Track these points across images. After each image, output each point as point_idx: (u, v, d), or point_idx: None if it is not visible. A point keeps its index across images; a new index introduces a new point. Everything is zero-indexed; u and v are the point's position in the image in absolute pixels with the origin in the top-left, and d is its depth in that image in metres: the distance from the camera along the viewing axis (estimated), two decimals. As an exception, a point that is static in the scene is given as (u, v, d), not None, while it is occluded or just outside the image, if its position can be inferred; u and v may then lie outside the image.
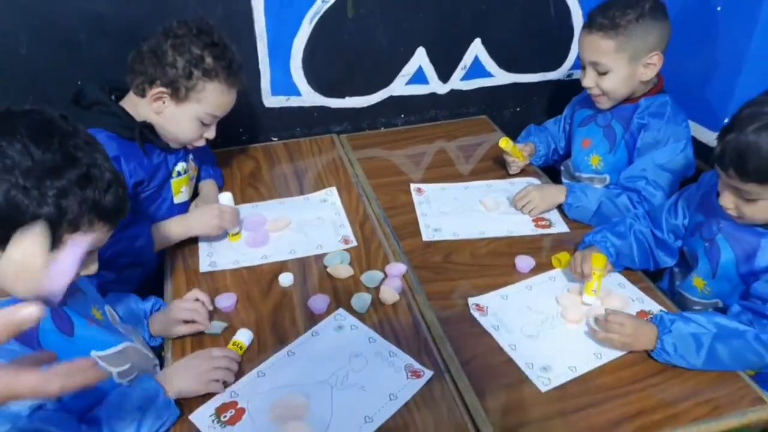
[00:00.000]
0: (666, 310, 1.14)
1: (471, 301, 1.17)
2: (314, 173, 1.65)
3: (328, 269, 1.26)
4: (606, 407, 0.97)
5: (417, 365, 1.04)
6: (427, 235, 1.38)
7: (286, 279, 1.23)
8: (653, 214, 1.28)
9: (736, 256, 1.10)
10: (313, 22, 1.67)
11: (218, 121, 1.34)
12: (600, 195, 1.39)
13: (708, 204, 1.17)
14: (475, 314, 1.14)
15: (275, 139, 1.83)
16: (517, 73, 1.97)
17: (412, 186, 1.57)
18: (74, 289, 0.92)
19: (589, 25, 1.37)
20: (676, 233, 1.24)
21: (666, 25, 1.34)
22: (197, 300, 1.12)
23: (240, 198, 1.51)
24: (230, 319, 1.14)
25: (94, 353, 0.89)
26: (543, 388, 0.99)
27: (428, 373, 1.02)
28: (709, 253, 1.15)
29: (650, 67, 1.35)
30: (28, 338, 0.79)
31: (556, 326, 1.13)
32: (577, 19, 1.90)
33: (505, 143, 1.54)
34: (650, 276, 1.28)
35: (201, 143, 1.33)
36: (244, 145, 1.77)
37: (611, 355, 1.06)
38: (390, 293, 1.18)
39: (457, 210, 1.48)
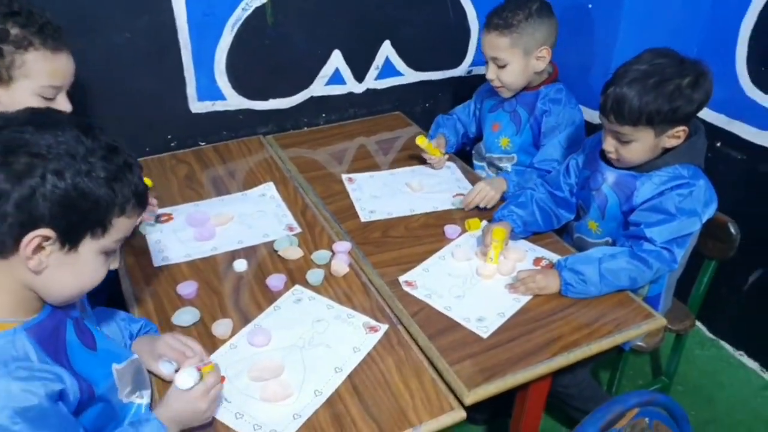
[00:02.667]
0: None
1: (401, 279, 1.32)
2: (248, 172, 1.76)
3: (279, 252, 1.39)
4: (534, 335, 1.19)
5: (373, 322, 1.20)
6: (364, 217, 1.55)
7: (240, 265, 1.35)
8: (553, 180, 1.54)
9: (619, 199, 1.38)
10: (235, 30, 1.80)
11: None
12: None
13: (593, 161, 1.45)
14: (407, 289, 1.29)
15: (203, 143, 1.92)
16: (424, 71, 2.19)
17: (344, 176, 1.73)
18: (82, 300, 0.94)
19: (487, 25, 1.61)
20: (571, 191, 1.51)
21: (552, 22, 1.61)
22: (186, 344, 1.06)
23: (180, 198, 1.60)
24: (193, 304, 1.24)
25: (114, 366, 0.91)
26: (484, 335, 1.18)
27: (384, 327, 1.19)
28: (597, 199, 1.42)
29: (541, 59, 1.62)
30: (57, 354, 0.82)
31: (475, 284, 1.32)
32: (473, 21, 2.16)
33: (421, 141, 1.72)
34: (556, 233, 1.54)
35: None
36: (173, 151, 1.85)
37: (526, 297, 1.28)
38: (341, 266, 1.33)
39: (387, 193, 1.67)
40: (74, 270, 0.82)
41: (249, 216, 1.54)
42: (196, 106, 1.86)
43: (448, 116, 1.94)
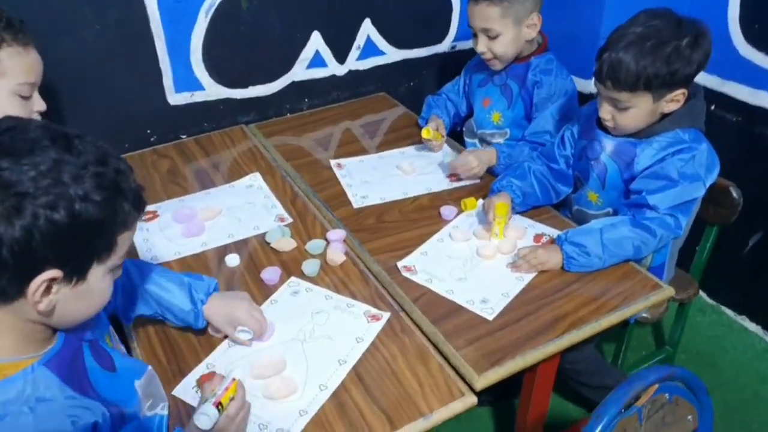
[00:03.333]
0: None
1: (399, 264, 1.28)
2: (233, 163, 1.71)
3: (271, 245, 1.35)
4: (540, 313, 1.16)
5: (374, 310, 1.17)
6: (356, 203, 1.51)
7: (232, 260, 1.31)
8: (547, 152, 1.50)
9: (619, 168, 1.35)
10: (209, 16, 1.73)
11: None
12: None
13: (589, 130, 1.41)
14: (407, 275, 1.26)
15: (184, 136, 1.86)
16: (406, 49, 2.14)
17: (332, 162, 1.69)
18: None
19: None
20: (567, 163, 1.48)
21: None
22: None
23: (164, 194, 1.55)
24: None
25: (136, 383, 0.87)
26: (490, 317, 1.15)
27: (386, 315, 1.16)
28: (596, 169, 1.39)
29: (532, 27, 1.57)
30: (81, 384, 0.77)
31: (476, 265, 1.29)
32: (455, -6, 2.11)
33: (427, 133, 1.67)
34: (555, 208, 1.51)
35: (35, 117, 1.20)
36: (154, 146, 1.79)
37: (530, 275, 1.25)
38: (337, 254, 1.29)
39: (378, 178, 1.62)
40: (85, 298, 0.76)
41: (238, 208, 1.49)
42: (175, 98, 1.80)
43: (438, 96, 1.89)
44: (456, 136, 1.88)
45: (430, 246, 1.35)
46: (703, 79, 1.88)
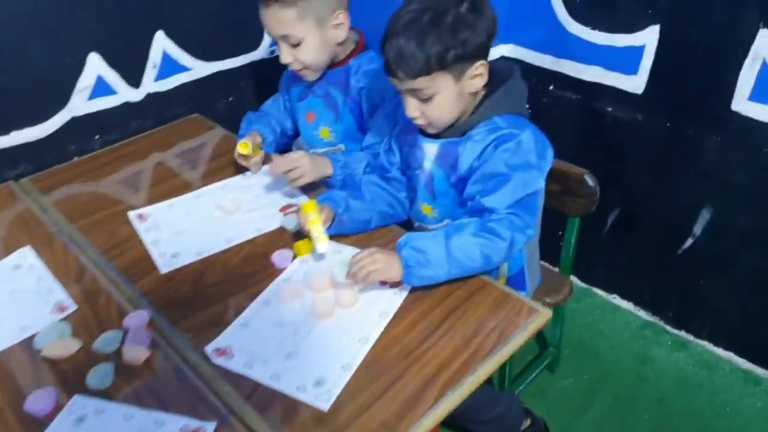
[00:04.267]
0: None
1: (209, 349, 0.99)
2: (-5, 238, 1.30)
3: (43, 353, 0.99)
4: (408, 377, 0.94)
5: (194, 423, 0.87)
6: (165, 266, 1.19)
7: (-15, 388, 0.94)
8: (379, 162, 1.31)
9: (444, 171, 1.18)
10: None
11: None
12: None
13: (408, 135, 1.24)
14: (220, 362, 0.96)
15: (-76, 210, 1.40)
16: (216, 60, 1.83)
17: (131, 214, 1.35)
18: None
19: None
20: (401, 169, 1.29)
21: None
22: None
23: None
24: None
25: None
26: (326, 406, 0.89)
27: (210, 426, 0.87)
28: (423, 179, 1.22)
29: (340, 26, 1.34)
30: None
31: (311, 330, 1.02)
32: (261, -9, 1.83)
33: (244, 147, 1.39)
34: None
35: None
36: None
37: (376, 333, 1.01)
38: (136, 351, 0.97)
39: (193, 225, 1.31)
40: None
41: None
42: None
43: (262, 113, 1.62)
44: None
45: (252, 313, 1.07)
46: (537, 58, 1.80)
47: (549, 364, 1.74)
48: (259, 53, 1.92)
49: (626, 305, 1.98)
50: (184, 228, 1.30)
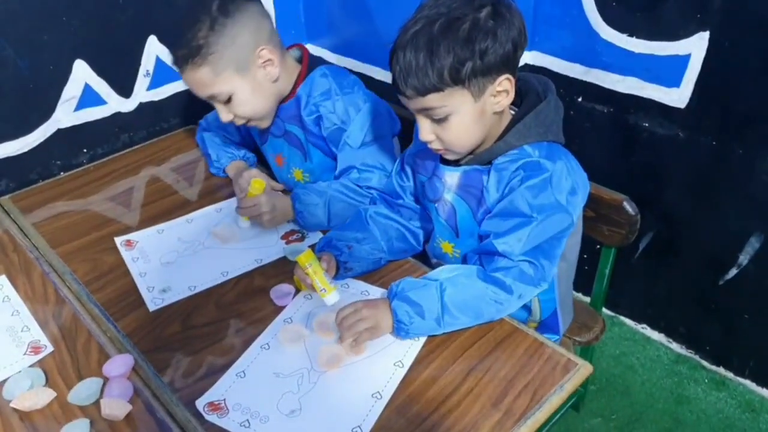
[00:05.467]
0: None
1: (200, 403, 0.90)
2: (-33, 265, 1.22)
3: (12, 404, 0.90)
4: (427, 441, 0.84)
5: (180, 496, 0.78)
6: (153, 303, 1.10)
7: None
8: (387, 187, 1.22)
9: (470, 206, 1.07)
10: None
11: None
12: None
13: (427, 160, 1.12)
14: (213, 420, 0.87)
15: None
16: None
17: (117, 240, 1.26)
18: None
19: (175, 62, 1.19)
20: (415, 195, 1.20)
21: (252, 11, 1.21)
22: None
23: None
24: None
25: None
26: None
27: (198, 501, 0.78)
28: (443, 213, 1.12)
29: (268, 63, 1.22)
30: None
31: (316, 382, 0.93)
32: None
33: (259, 184, 1.26)
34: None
35: None
36: None
37: (392, 386, 0.91)
38: (115, 405, 0.88)
39: (185, 255, 1.22)
40: None
41: (-34, 344, 1.02)
42: None
43: (218, 135, 1.53)
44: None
45: (249, 360, 0.97)
46: (563, 67, 1.69)
47: (575, 403, 1.64)
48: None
49: (657, 336, 1.87)
50: (174, 258, 1.22)
